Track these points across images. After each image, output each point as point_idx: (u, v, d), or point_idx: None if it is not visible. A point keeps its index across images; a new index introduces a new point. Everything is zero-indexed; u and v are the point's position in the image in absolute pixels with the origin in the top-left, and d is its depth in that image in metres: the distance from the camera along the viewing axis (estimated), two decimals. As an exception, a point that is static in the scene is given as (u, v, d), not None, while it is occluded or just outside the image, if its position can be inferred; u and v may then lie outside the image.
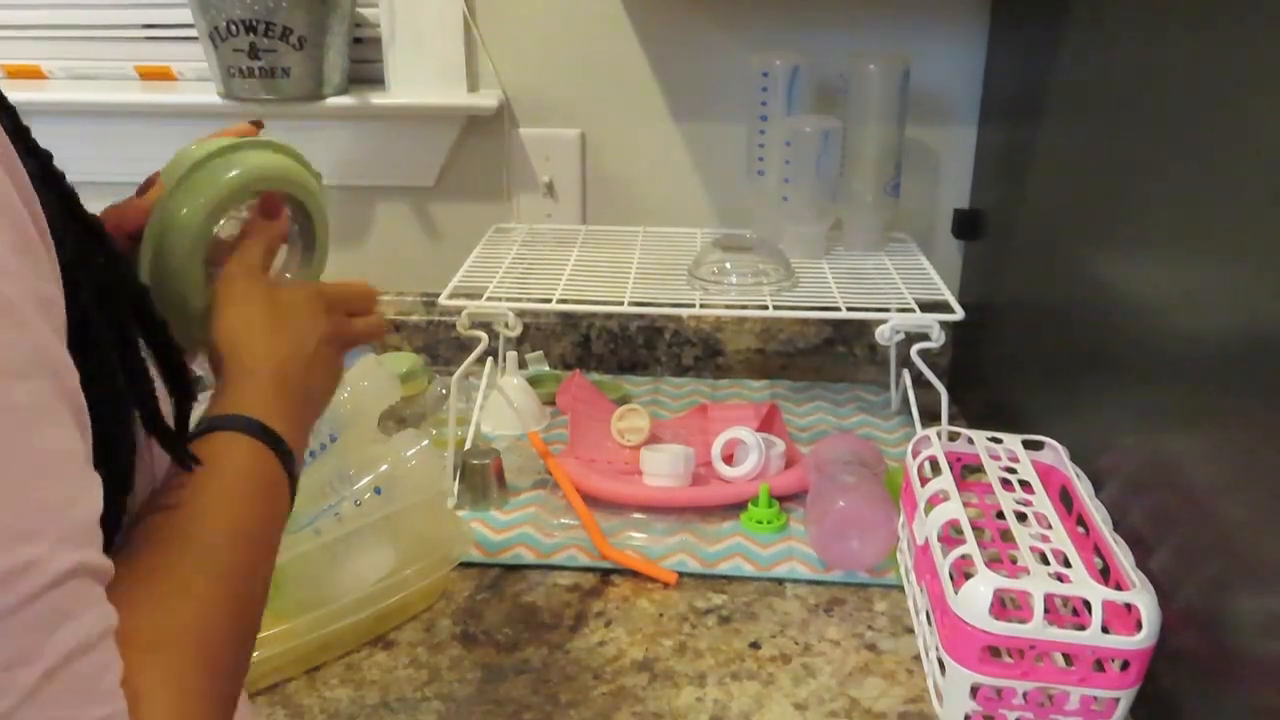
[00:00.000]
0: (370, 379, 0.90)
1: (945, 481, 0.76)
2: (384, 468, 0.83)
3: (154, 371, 0.49)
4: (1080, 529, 0.75)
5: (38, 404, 0.35)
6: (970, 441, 0.83)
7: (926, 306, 1.00)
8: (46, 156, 0.44)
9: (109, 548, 0.42)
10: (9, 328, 0.34)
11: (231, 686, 0.47)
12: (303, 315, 0.64)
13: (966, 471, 0.84)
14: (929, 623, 0.73)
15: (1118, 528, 0.72)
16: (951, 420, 1.04)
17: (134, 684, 0.38)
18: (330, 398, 0.65)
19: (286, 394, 0.59)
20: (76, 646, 0.35)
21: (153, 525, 0.48)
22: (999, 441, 0.83)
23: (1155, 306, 0.70)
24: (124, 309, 0.47)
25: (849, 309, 1.00)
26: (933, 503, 0.75)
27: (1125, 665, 0.64)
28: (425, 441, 0.87)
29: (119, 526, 0.46)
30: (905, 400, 1.09)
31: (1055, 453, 0.81)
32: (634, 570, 0.88)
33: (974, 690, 0.67)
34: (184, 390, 0.51)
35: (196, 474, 0.50)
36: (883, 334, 0.98)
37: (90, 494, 0.38)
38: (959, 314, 0.98)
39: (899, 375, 1.15)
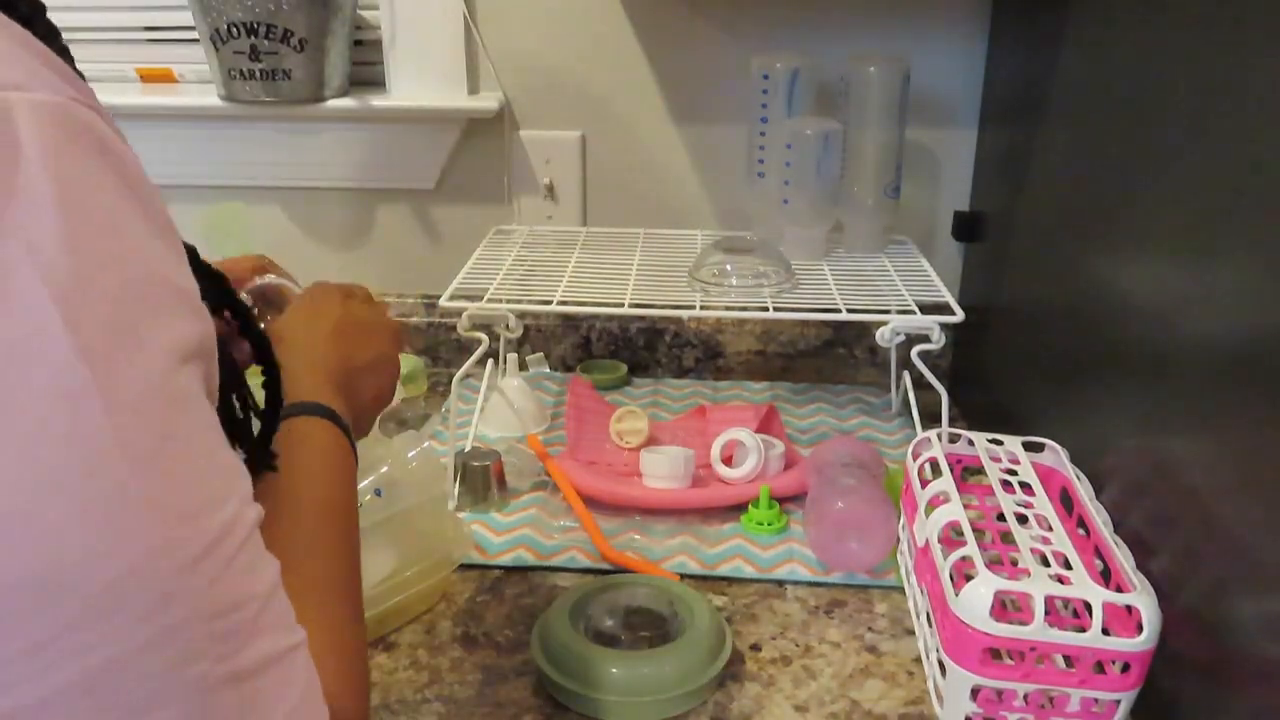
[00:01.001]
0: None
1: (946, 483, 0.76)
2: (384, 469, 0.83)
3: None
4: (1081, 531, 0.75)
5: (201, 388, 0.39)
6: (971, 443, 0.83)
7: (927, 308, 1.00)
8: None
9: None
10: (190, 315, 0.39)
11: (363, 632, 0.54)
12: (329, 307, 0.71)
13: (967, 473, 0.84)
14: (929, 624, 0.73)
15: (1118, 529, 0.72)
16: (952, 422, 1.04)
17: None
18: (374, 395, 0.72)
19: (327, 375, 0.66)
20: (270, 585, 0.40)
21: (273, 496, 0.53)
22: (999, 443, 0.83)
23: (1156, 308, 0.70)
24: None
25: (849, 311, 1.00)
26: (933, 504, 0.75)
27: (1126, 667, 0.64)
28: (426, 443, 0.87)
29: None
30: (906, 402, 1.09)
31: (1055, 454, 0.81)
32: (635, 572, 0.88)
33: (974, 692, 0.67)
34: (276, 404, 0.58)
35: (293, 450, 0.57)
36: (883, 336, 0.98)
37: (241, 465, 0.42)
38: (959, 316, 0.99)
39: (899, 377, 1.15)
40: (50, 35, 0.41)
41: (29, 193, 0.33)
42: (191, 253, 0.46)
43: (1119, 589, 0.66)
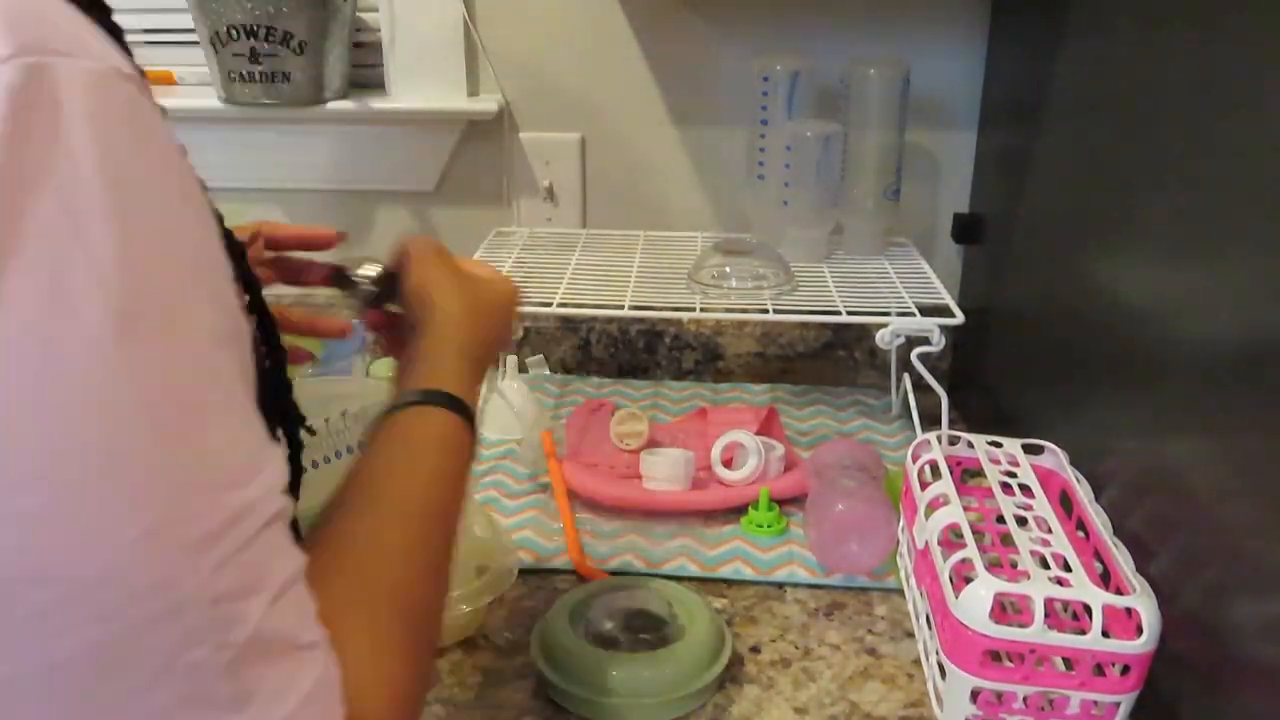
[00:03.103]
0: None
1: (945, 485, 0.76)
2: None
3: None
4: (1080, 533, 0.75)
5: (237, 370, 0.39)
6: (970, 445, 0.83)
7: (926, 311, 1.00)
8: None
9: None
10: (222, 294, 0.39)
11: (426, 646, 0.49)
12: (494, 293, 0.71)
13: (966, 475, 0.84)
14: (929, 627, 0.73)
15: (1118, 532, 0.72)
16: (952, 424, 1.04)
17: (335, 630, 0.40)
18: (493, 354, 0.71)
19: (476, 360, 0.65)
20: (288, 579, 0.39)
21: (354, 492, 0.52)
22: (999, 445, 0.83)
23: (1156, 310, 0.70)
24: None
25: (849, 313, 1.00)
26: (933, 507, 0.74)
27: (1125, 669, 0.64)
28: None
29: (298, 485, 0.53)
30: (905, 404, 1.09)
31: (1055, 457, 0.81)
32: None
33: (974, 694, 0.67)
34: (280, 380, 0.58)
35: (400, 446, 0.55)
36: (883, 338, 0.98)
37: (275, 453, 0.41)
38: (959, 318, 0.99)
39: (899, 379, 1.15)
40: (96, 6, 0.41)
41: (70, 156, 0.33)
42: (219, 221, 0.47)
43: (1119, 591, 0.66)
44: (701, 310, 1.03)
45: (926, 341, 0.98)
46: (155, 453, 0.34)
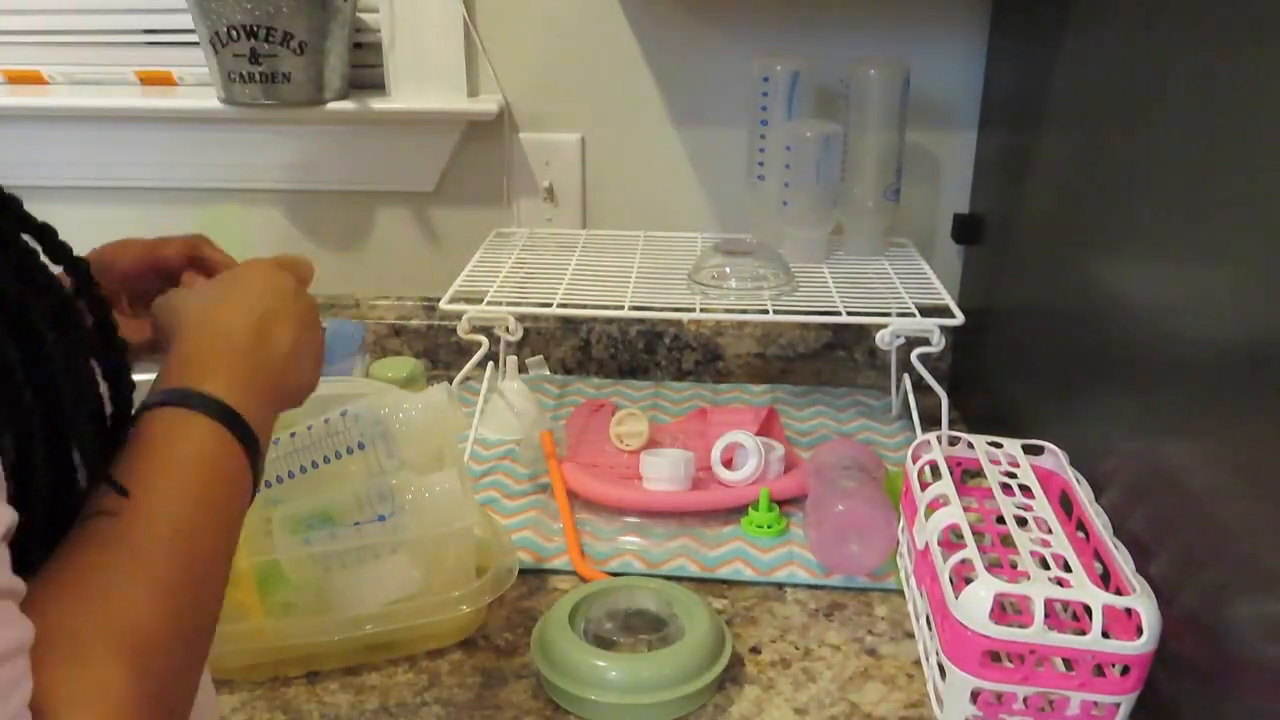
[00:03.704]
0: (439, 409, 0.84)
1: (945, 486, 0.75)
2: (409, 496, 0.80)
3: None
4: (1080, 534, 0.75)
5: None
6: (970, 446, 0.83)
7: (927, 311, 1.00)
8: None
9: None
10: None
11: (171, 695, 0.43)
12: (254, 275, 0.60)
13: (966, 476, 0.84)
14: (929, 628, 0.73)
15: (1118, 532, 0.72)
16: (952, 425, 1.04)
17: (56, 696, 0.36)
18: (304, 354, 0.59)
19: (249, 359, 0.54)
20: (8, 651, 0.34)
21: (91, 518, 0.45)
22: (999, 446, 0.83)
23: (1156, 310, 0.70)
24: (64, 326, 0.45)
25: (849, 313, 1.00)
26: (933, 507, 0.74)
27: (1125, 670, 0.64)
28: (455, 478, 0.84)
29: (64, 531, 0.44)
30: (906, 405, 1.09)
31: (1055, 457, 0.81)
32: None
33: (974, 695, 0.66)
34: (125, 395, 0.49)
35: (141, 458, 0.47)
36: (883, 339, 0.98)
37: None
38: (959, 319, 0.99)
39: (899, 380, 1.15)
40: None
41: None
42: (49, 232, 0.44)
43: (1118, 592, 0.66)
44: (701, 311, 1.03)
45: (926, 342, 0.98)
46: None
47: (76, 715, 0.37)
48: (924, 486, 0.78)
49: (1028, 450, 0.82)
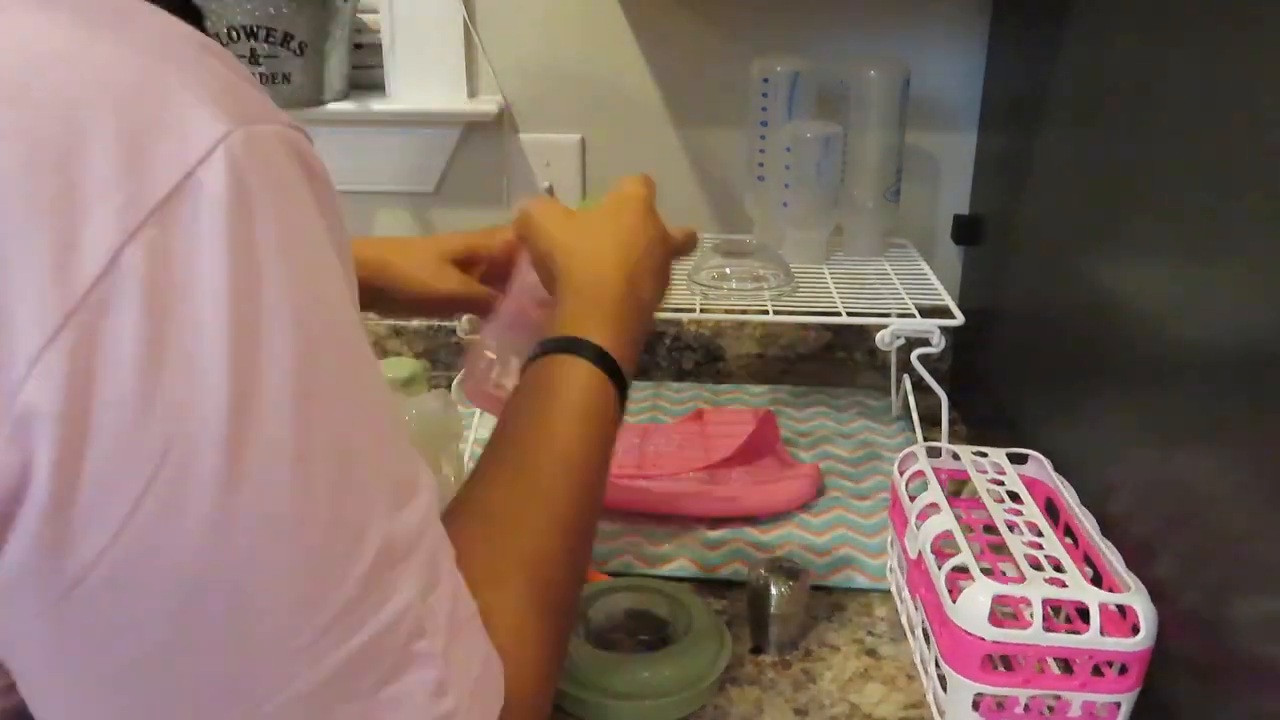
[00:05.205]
0: (436, 415, 0.86)
1: (935, 494, 0.75)
2: None
3: None
4: (1068, 539, 0.74)
5: (383, 391, 0.41)
6: (956, 457, 0.83)
7: (927, 312, 1.00)
8: None
9: None
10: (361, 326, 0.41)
11: (564, 619, 0.50)
12: (630, 223, 0.65)
13: (953, 485, 0.84)
14: (926, 640, 0.73)
15: (1118, 532, 0.72)
16: (952, 425, 1.04)
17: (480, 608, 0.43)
18: (660, 304, 0.67)
19: (622, 310, 0.61)
20: (451, 563, 0.42)
21: (489, 457, 0.51)
22: (984, 455, 0.83)
23: (1156, 311, 0.70)
24: None
25: (849, 314, 1.00)
26: (922, 518, 0.74)
27: (1124, 669, 0.64)
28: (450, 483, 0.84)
29: None
30: (906, 405, 1.09)
31: (1040, 465, 0.81)
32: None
33: (976, 702, 0.66)
34: None
35: (533, 400, 0.53)
36: (883, 339, 0.98)
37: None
38: (959, 319, 0.98)
39: (899, 380, 1.15)
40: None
41: (263, 223, 0.35)
42: None
43: (1111, 591, 0.66)
44: (701, 311, 1.03)
45: (927, 343, 0.98)
46: (368, 484, 0.38)
47: (496, 633, 0.43)
48: (912, 498, 0.78)
49: (1012, 459, 0.82)
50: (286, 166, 0.36)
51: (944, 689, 0.68)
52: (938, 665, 0.69)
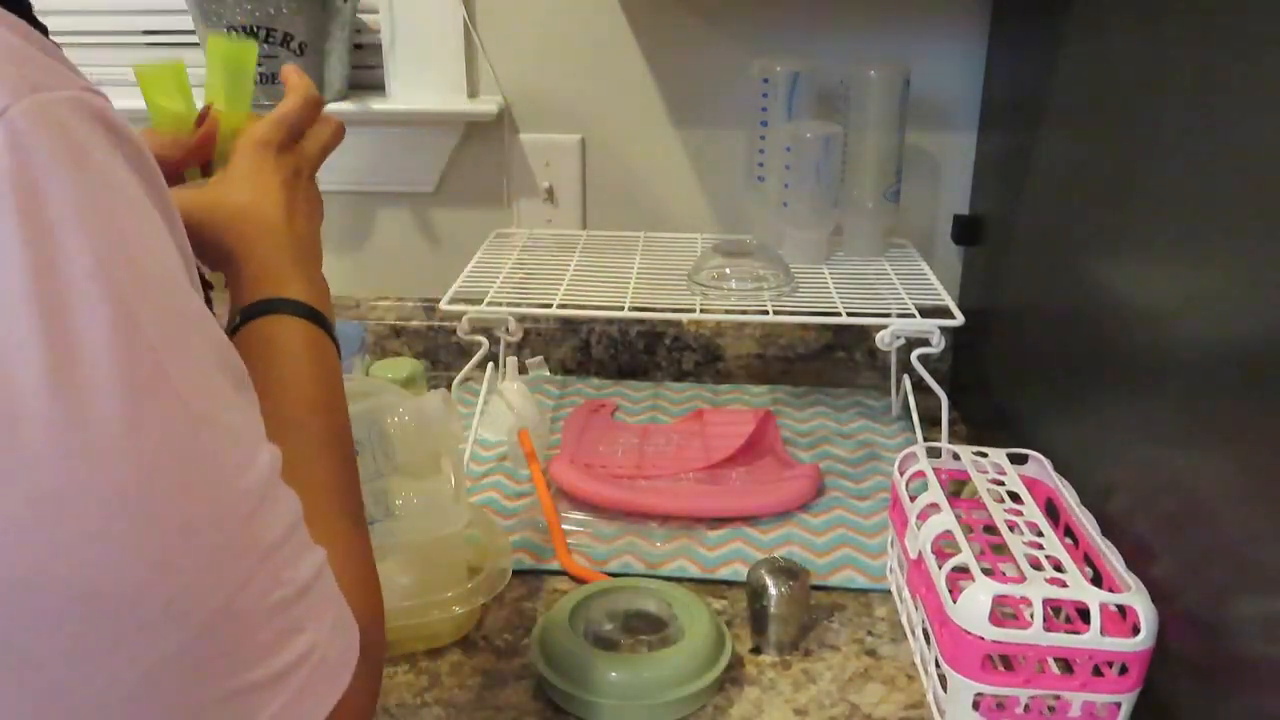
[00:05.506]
0: (435, 415, 0.83)
1: (935, 495, 0.75)
2: (399, 501, 0.81)
3: None
4: (1069, 539, 0.74)
5: (219, 346, 0.41)
6: (956, 457, 0.83)
7: (927, 312, 1.00)
8: None
9: None
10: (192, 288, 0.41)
11: (365, 541, 0.54)
12: (260, 171, 0.66)
13: (954, 485, 0.84)
14: (926, 640, 0.73)
15: (1118, 531, 0.72)
16: (952, 425, 1.04)
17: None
18: (317, 225, 0.69)
19: (290, 254, 0.62)
20: (296, 513, 0.43)
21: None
22: (984, 455, 0.83)
23: (1156, 311, 0.70)
24: None
25: (849, 314, 1.00)
26: (922, 518, 0.74)
27: (1124, 669, 0.64)
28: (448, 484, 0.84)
29: None
30: (906, 406, 1.09)
31: (1039, 464, 0.81)
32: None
33: (976, 702, 0.66)
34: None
35: (259, 362, 0.54)
36: (883, 339, 0.98)
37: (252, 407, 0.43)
38: (959, 319, 0.98)
39: (899, 380, 1.15)
40: (33, 21, 0.42)
41: (57, 194, 0.34)
42: None
43: (1111, 591, 0.66)
44: (701, 311, 1.03)
45: (926, 343, 0.98)
46: (208, 449, 0.37)
47: (340, 577, 0.46)
48: (913, 498, 0.78)
49: (1012, 459, 0.82)
50: (84, 131, 0.35)
51: (944, 689, 0.68)
52: (938, 665, 0.69)
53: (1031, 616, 0.64)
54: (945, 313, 1.00)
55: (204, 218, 0.61)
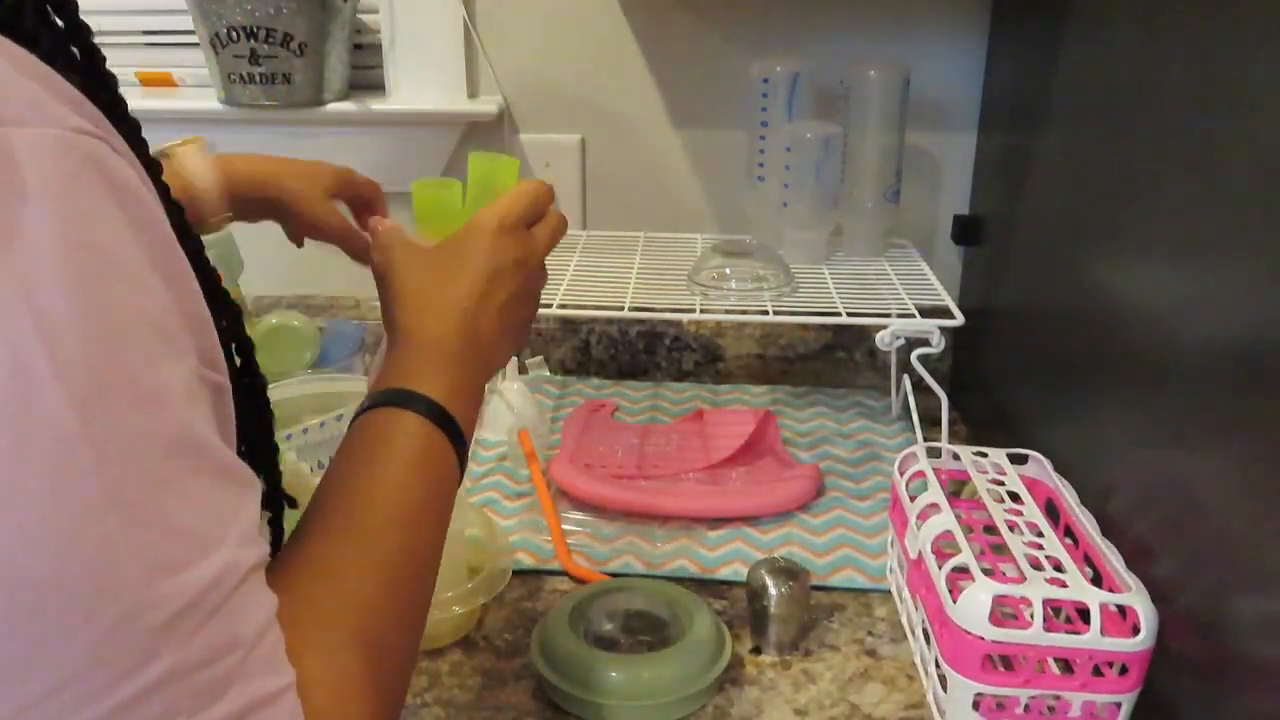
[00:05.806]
0: None
1: (935, 495, 0.75)
2: None
3: None
4: (1069, 539, 0.74)
5: (211, 423, 0.38)
6: (956, 457, 0.83)
7: (926, 312, 1.00)
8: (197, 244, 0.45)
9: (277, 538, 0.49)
10: (207, 355, 0.39)
11: (394, 673, 0.47)
12: (474, 263, 0.61)
13: (954, 485, 0.84)
14: (926, 640, 0.73)
15: (1118, 531, 0.72)
16: (952, 425, 1.04)
17: (301, 669, 0.40)
18: (512, 329, 0.63)
19: (460, 360, 0.58)
20: (262, 628, 0.38)
21: (316, 509, 0.49)
22: (984, 456, 0.83)
23: (1156, 311, 0.70)
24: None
25: (849, 314, 1.00)
26: (923, 518, 0.74)
27: (1124, 669, 0.64)
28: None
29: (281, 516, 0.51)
30: (905, 406, 1.09)
31: (1040, 465, 0.81)
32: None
33: (976, 703, 0.66)
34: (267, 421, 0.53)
35: (362, 453, 0.51)
36: (883, 339, 0.98)
37: (251, 496, 0.40)
38: (959, 319, 0.98)
39: (899, 381, 1.15)
40: (57, 51, 0.40)
41: (31, 233, 0.32)
42: (214, 281, 0.45)
43: (1112, 591, 0.66)
44: (701, 311, 1.03)
45: (926, 343, 0.98)
46: (121, 542, 0.33)
47: (319, 694, 0.40)
48: (912, 498, 0.78)
49: (1012, 459, 0.82)
50: (57, 174, 0.34)
51: (944, 689, 0.68)
52: (938, 665, 0.69)
53: (1031, 616, 0.64)
54: (945, 313, 1.00)
55: (396, 279, 0.60)
